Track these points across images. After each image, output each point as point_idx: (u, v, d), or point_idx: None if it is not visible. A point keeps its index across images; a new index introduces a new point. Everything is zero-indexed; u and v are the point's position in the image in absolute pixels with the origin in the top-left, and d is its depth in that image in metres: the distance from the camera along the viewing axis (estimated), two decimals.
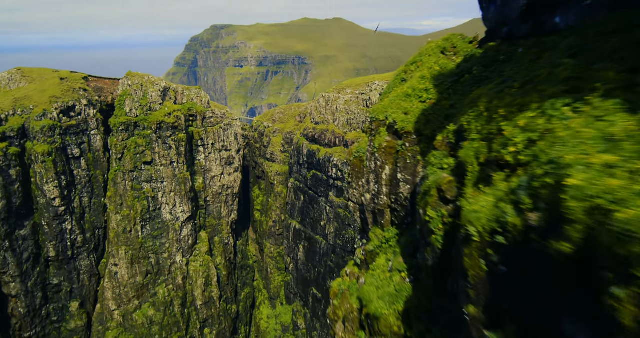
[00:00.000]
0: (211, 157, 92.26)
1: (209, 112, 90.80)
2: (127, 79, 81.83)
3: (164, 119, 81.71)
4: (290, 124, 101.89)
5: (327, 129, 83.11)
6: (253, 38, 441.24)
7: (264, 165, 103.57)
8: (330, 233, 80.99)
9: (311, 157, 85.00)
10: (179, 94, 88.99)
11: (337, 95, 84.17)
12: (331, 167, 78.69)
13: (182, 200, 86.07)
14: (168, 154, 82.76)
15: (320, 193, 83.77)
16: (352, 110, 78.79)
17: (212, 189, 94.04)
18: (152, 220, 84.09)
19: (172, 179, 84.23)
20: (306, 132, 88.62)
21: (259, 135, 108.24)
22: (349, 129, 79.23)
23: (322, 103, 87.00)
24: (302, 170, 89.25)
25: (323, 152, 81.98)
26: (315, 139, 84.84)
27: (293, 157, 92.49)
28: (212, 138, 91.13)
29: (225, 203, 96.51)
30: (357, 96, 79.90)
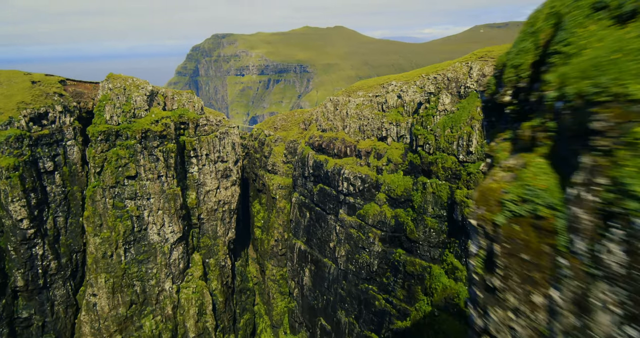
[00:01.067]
0: (205, 169, 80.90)
1: (202, 119, 79.62)
2: (108, 81, 70.72)
3: (150, 126, 70.48)
4: (293, 132, 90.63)
5: (336, 136, 71.75)
6: (254, 47, 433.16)
7: (265, 177, 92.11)
8: (340, 257, 69.17)
9: (318, 169, 73.56)
10: (168, 98, 77.88)
11: (347, 99, 72.90)
12: (341, 180, 67.17)
13: (172, 218, 74.53)
14: (155, 166, 71.42)
15: (328, 210, 72.11)
16: (365, 115, 67.45)
17: (206, 205, 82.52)
18: (137, 243, 72.46)
19: (159, 195, 72.77)
20: (312, 141, 77.29)
21: (259, 145, 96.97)
22: (361, 136, 67.83)
23: (329, 107, 75.73)
24: (308, 184, 77.73)
25: (332, 163, 70.54)
26: (323, 148, 73.47)
27: (297, 168, 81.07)
28: (207, 148, 79.86)
29: (222, 221, 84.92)
30: (371, 99, 68.59)
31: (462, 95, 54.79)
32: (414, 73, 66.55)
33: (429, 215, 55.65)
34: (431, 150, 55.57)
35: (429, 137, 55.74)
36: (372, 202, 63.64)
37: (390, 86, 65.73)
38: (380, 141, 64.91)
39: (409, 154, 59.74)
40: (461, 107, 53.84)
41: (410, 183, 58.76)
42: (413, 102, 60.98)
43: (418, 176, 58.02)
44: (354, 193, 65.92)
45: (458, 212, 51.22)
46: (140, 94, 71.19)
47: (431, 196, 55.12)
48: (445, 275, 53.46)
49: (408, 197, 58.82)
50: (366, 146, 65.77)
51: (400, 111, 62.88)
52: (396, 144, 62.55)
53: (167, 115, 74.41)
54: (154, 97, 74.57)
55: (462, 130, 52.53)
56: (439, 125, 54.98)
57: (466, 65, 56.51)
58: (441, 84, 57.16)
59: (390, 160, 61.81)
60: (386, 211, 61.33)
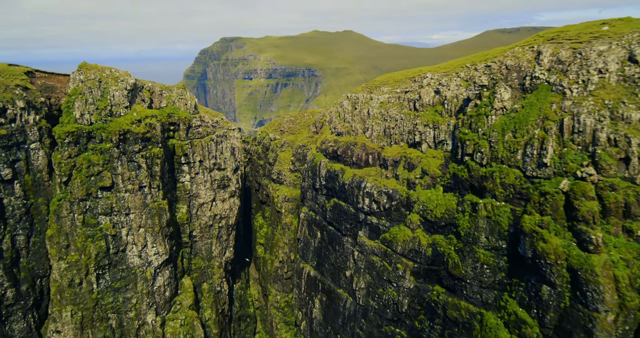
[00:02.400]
0: (199, 178, 67.29)
1: (195, 120, 66.08)
2: (80, 72, 57.35)
3: (130, 127, 57.02)
4: (302, 136, 76.86)
5: (355, 141, 57.83)
6: (263, 50, 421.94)
7: (269, 187, 78.29)
8: (359, 289, 55.03)
9: (332, 181, 59.66)
10: (156, 94, 64.44)
11: (368, 96, 59.02)
12: (362, 195, 53.18)
13: (156, 238, 60.87)
14: (136, 175, 57.89)
15: (344, 231, 58.09)
16: (391, 116, 53.52)
17: (199, 221, 68.83)
18: (113, 267, 58.82)
19: (141, 210, 59.18)
20: (324, 146, 63.45)
21: (263, 150, 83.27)
22: (386, 141, 53.85)
23: (347, 106, 61.86)
24: (319, 198, 63.80)
25: (349, 173, 56.58)
26: (338, 155, 59.58)
27: (306, 178, 67.23)
28: (200, 153, 66.28)
29: (218, 239, 71.18)
30: (399, 96, 54.63)
31: (528, 88, 40.68)
32: (454, 63, 52.58)
33: (480, 246, 41.43)
34: (484, 161, 41.46)
35: (482, 144, 41.65)
36: (402, 224, 49.54)
37: (424, 79, 51.76)
38: (412, 148, 50.89)
39: (452, 165, 45.66)
40: (528, 104, 39.71)
41: (454, 202, 44.61)
42: (456, 99, 46.94)
43: (465, 194, 43.88)
44: (378, 213, 51.87)
45: (526, 245, 36.98)
46: (120, 88, 57.79)
47: (485, 221, 40.92)
48: (504, 328, 39.14)
49: (451, 220, 44.67)
50: (394, 154, 51.76)
51: (438, 110, 48.85)
52: (433, 152, 48.50)
53: (153, 114, 60.95)
54: (137, 92, 61.15)
55: (531, 134, 38.40)
56: (496, 127, 40.89)
57: (530, 49, 42.42)
58: (497, 74, 43.08)
59: (426, 172, 47.74)
60: (420, 237, 47.19)
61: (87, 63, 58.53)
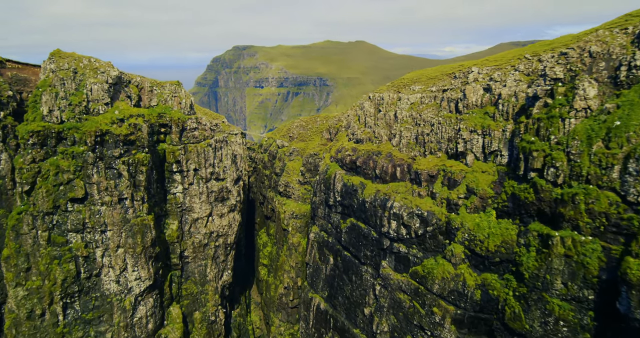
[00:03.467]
0: (193, 189, 56.89)
1: (191, 121, 55.87)
2: (51, 61, 47.45)
3: (110, 128, 46.89)
4: (314, 143, 66.29)
5: (379, 150, 47.00)
6: (274, 59, 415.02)
7: (275, 201, 67.60)
8: (381, 333, 43.72)
9: (349, 197, 48.81)
10: (145, 91, 54.41)
11: (395, 96, 48.33)
12: (388, 217, 42.18)
13: (138, 259, 50.32)
14: (115, 185, 47.60)
15: (363, 258, 47.02)
16: (426, 119, 42.70)
17: (193, 239, 58.24)
18: (84, 295, 48.28)
19: (120, 227, 48.77)
20: (341, 155, 52.76)
21: (270, 158, 72.78)
22: (419, 151, 42.96)
23: (368, 109, 51.18)
24: (333, 216, 52.93)
25: (371, 189, 45.70)
26: (357, 166, 48.81)
27: (318, 192, 56.49)
28: (196, 161, 55.97)
29: (214, 260, 60.47)
30: (435, 95, 43.82)
31: (624, 82, 29.67)
32: (506, 54, 41.70)
33: (554, 295, 30.15)
34: (560, 179, 30.36)
35: (556, 156, 30.59)
36: (440, 256, 38.41)
37: (469, 74, 40.90)
38: (453, 159, 39.93)
39: (509, 183, 34.60)
40: (626, 104, 28.65)
41: (513, 233, 33.46)
42: (515, 97, 36.02)
43: (529, 222, 32.75)
44: (408, 239, 40.80)
45: (632, 301, 25.72)
46: (99, 81, 47.78)
47: (561, 261, 29.68)
48: None
49: (508, 256, 33.49)
50: (429, 166, 40.81)
51: (489, 112, 37.94)
52: (482, 165, 37.51)
53: (140, 113, 50.81)
54: (122, 87, 51.15)
55: (634, 144, 27.33)
56: (577, 134, 29.86)
57: (624, 31, 31.47)
58: (576, 64, 32.12)
59: (473, 190, 36.73)
60: (465, 275, 36.00)
61: (61, 50, 48.69)
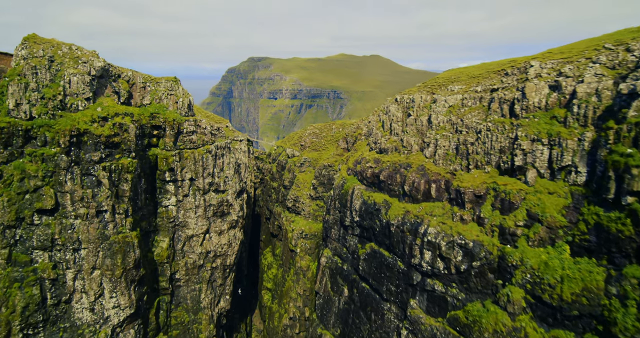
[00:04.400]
0: (188, 202, 48.72)
1: (188, 124, 47.98)
2: (24, 46, 40.07)
3: (90, 127, 39.18)
4: (328, 153, 57.93)
5: (408, 162, 38.37)
6: (289, 71, 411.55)
7: (282, 217, 59.08)
8: None
9: (370, 217, 40.11)
10: (137, 87, 46.77)
11: (428, 97, 39.82)
12: (420, 246, 33.31)
13: (117, 284, 41.99)
14: (93, 194, 39.65)
15: (386, 294, 38.01)
16: (470, 125, 34.06)
17: (186, 259, 49.86)
18: (51, 325, 39.94)
19: (97, 244, 40.63)
20: (360, 168, 44.22)
21: (279, 169, 64.51)
22: (461, 164, 34.23)
23: (395, 113, 42.68)
24: (349, 239, 44.16)
25: (398, 209, 36.98)
26: (380, 181, 40.19)
27: (332, 210, 47.85)
28: (192, 169, 47.92)
29: (210, 284, 51.92)
30: (481, 96, 35.20)
31: None
32: (577, 45, 33.01)
33: None
34: None
35: None
36: (489, 300, 29.33)
37: (530, 69, 32.21)
38: (508, 176, 31.11)
39: (591, 209, 25.64)
40: None
41: (600, 277, 24.37)
42: (597, 96, 27.28)
43: (623, 264, 23.68)
44: (446, 275, 31.84)
45: None
46: (80, 72, 40.23)
47: None
48: None
49: (592, 309, 24.35)
50: (475, 184, 32.01)
51: (558, 116, 29.19)
52: (549, 184, 28.60)
53: (128, 111, 43.06)
54: (109, 81, 43.55)
55: None
56: None
57: None
58: None
59: (537, 217, 27.81)
60: (527, 329, 26.82)
61: (37, 35, 41.32)
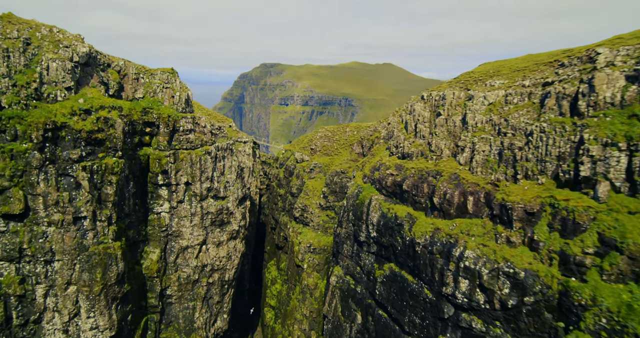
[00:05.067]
0: (183, 209, 42.90)
1: (185, 121, 42.32)
2: None
3: (69, 120, 33.69)
4: (341, 158, 51.87)
5: (438, 169, 32.10)
6: (301, 78, 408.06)
7: (289, 228, 52.98)
8: None
9: (390, 233, 33.84)
10: (129, 78, 41.32)
11: (462, 94, 33.62)
12: (454, 272, 26.91)
13: (96, 302, 36.16)
14: (70, 198, 34.06)
15: (409, 326, 31.52)
16: (518, 126, 27.75)
17: (179, 273, 43.93)
18: None
19: (74, 256, 34.91)
20: (379, 175, 38.06)
21: (286, 174, 58.57)
22: (506, 172, 27.87)
23: (420, 112, 36.49)
24: (365, 257, 37.83)
25: (425, 225, 30.68)
26: (403, 191, 33.96)
27: (345, 222, 41.62)
28: (189, 172, 42.18)
29: (205, 301, 45.87)
30: (530, 91, 28.89)
31: None
32: None
33: None
34: None
35: None
36: None
37: (599, 56, 25.87)
38: (569, 189, 24.71)
39: None
40: None
41: None
42: None
43: None
44: (488, 311, 25.37)
45: None
46: (60, 58, 34.88)
47: None
48: None
49: None
50: (525, 198, 25.61)
51: (639, 114, 22.80)
52: (630, 201, 22.15)
53: (116, 104, 37.54)
54: (96, 70, 38.15)
55: None
56: None
57: None
58: None
59: (613, 243, 21.37)
60: None
61: (13, 14, 36.09)
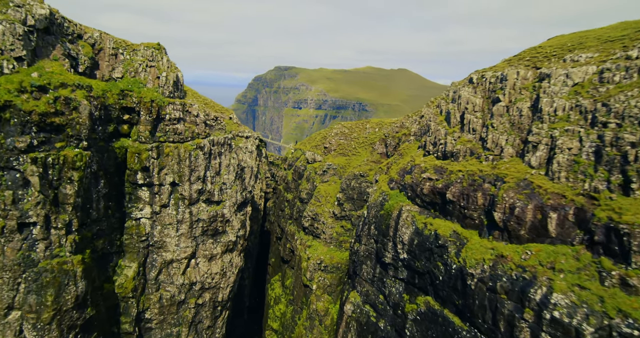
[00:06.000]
0: (167, 215, 34.70)
1: (173, 108, 34.19)
2: None
3: (15, 99, 25.82)
4: (360, 158, 43.24)
5: (498, 173, 23.35)
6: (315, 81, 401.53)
7: (296, 240, 44.39)
8: None
9: (426, 256, 25.11)
10: (105, 54, 33.36)
11: (530, 73, 24.77)
12: (533, 323, 18.03)
13: (46, 331, 27.97)
14: (15, 199, 26.09)
15: None
16: (628, 113, 18.81)
17: (161, 293, 35.68)
18: None
19: (18, 273, 26.90)
20: (411, 180, 29.39)
21: (295, 177, 50.12)
22: (610, 180, 19.02)
23: (468, 99, 27.70)
24: (390, 284, 29.03)
25: (480, 249, 21.99)
26: (446, 201, 25.23)
27: (364, 237, 32.88)
28: (175, 170, 34.00)
29: (193, 326, 37.47)
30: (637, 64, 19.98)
31: None
32: None
33: None
34: None
35: None
36: None
37: None
38: None
39: None
40: None
41: None
42: None
43: None
44: None
45: None
46: (10, 19, 27.02)
47: None
48: None
49: None
50: None
51: None
52: None
53: (83, 83, 29.59)
54: (61, 40, 30.23)
55: None
56: None
57: None
58: None
59: None
60: None
61: None
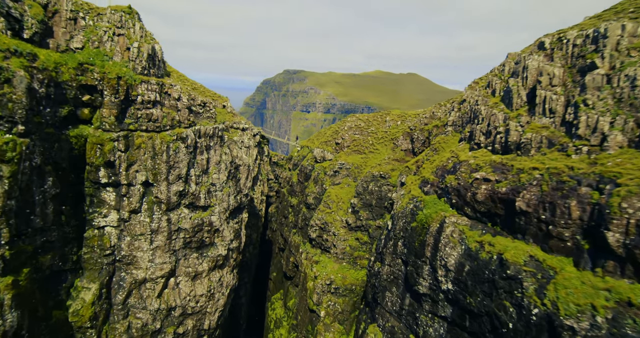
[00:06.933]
0: (139, 222, 27.04)
1: (147, 87, 26.64)
2: None
3: None
4: (379, 157, 35.33)
5: (603, 172, 15.39)
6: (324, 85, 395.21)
7: (301, 253, 36.42)
8: None
9: (486, 290, 17.16)
10: (61, 17, 25.88)
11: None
12: None
13: None
14: None
15: None
16: None
17: (130, 320, 27.94)
18: None
19: None
20: (456, 182, 21.47)
21: (301, 178, 42.28)
22: None
23: (542, 69, 19.65)
24: (426, 321, 20.92)
25: (578, 287, 14.03)
26: (515, 213, 17.23)
27: (388, 255, 24.84)
28: (149, 167, 26.37)
29: None
30: None
31: None
32: None
33: None
34: None
35: None
36: None
37: None
38: None
39: None
40: None
41: None
42: None
43: None
44: None
45: None
46: None
47: None
48: None
49: None
50: None
51: None
52: None
53: (22, 49, 22.15)
54: None
55: None
56: None
57: None
58: None
59: None
60: None
61: None
